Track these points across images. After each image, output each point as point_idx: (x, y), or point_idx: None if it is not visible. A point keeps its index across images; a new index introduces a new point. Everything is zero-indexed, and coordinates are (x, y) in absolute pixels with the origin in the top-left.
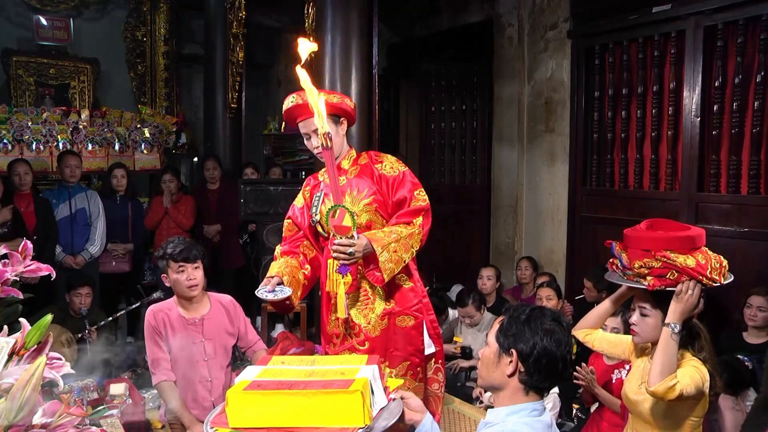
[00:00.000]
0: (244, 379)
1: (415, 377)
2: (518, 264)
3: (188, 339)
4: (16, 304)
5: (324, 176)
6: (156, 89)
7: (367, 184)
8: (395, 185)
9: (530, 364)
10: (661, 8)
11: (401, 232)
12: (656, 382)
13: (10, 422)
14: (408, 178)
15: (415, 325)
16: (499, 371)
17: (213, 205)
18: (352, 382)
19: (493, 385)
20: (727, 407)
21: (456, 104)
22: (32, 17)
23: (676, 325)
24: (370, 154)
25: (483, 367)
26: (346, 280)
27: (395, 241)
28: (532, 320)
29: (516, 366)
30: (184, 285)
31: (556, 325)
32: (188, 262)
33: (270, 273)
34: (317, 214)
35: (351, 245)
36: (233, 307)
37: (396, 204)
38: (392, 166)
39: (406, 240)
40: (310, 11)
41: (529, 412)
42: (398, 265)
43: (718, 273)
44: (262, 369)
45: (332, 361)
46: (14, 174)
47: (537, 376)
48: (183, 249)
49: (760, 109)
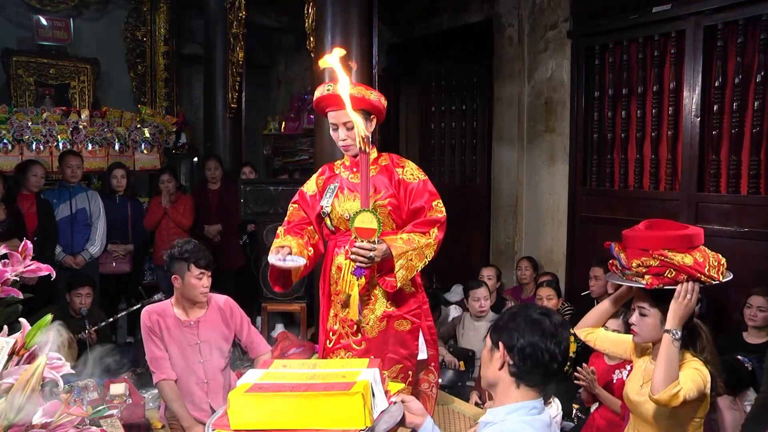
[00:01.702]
0: (246, 382)
1: (404, 380)
2: (518, 264)
3: (184, 341)
4: (16, 304)
5: (340, 169)
6: (156, 89)
7: (384, 185)
8: (413, 193)
9: (515, 355)
10: (661, 8)
11: (419, 241)
12: (660, 390)
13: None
14: (427, 187)
15: (411, 329)
16: (492, 367)
17: (213, 205)
18: (353, 384)
19: (489, 381)
20: (726, 407)
21: (456, 104)
22: (32, 17)
23: (677, 330)
24: (391, 156)
25: (482, 366)
26: (360, 282)
27: (412, 250)
28: (518, 313)
29: (503, 358)
30: (199, 290)
31: (542, 317)
32: (209, 269)
33: (280, 243)
34: (328, 207)
35: (372, 249)
36: (229, 309)
37: (412, 212)
38: (413, 173)
39: (422, 250)
40: (310, 11)
41: (528, 410)
42: (411, 273)
43: (717, 271)
44: (264, 372)
45: (334, 365)
46: (32, 174)
47: (523, 367)
48: (205, 255)
49: (760, 109)
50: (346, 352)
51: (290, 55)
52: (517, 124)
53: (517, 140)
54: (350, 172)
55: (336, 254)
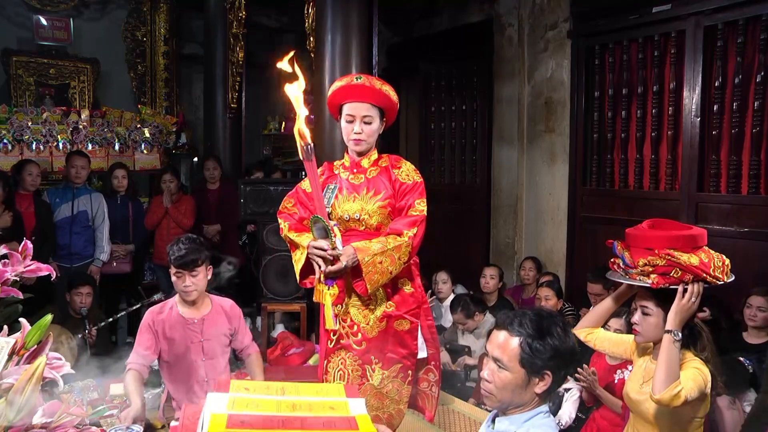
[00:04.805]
0: (217, 413)
1: (404, 380)
2: (522, 264)
3: (187, 339)
4: (16, 304)
5: (339, 169)
6: (156, 89)
7: (384, 186)
8: (404, 192)
9: (560, 375)
10: (661, 8)
11: (389, 243)
12: (661, 390)
13: (10, 422)
14: (417, 189)
15: (410, 329)
16: (528, 393)
17: (213, 205)
18: (353, 421)
19: (515, 404)
20: (725, 406)
21: (456, 104)
22: (32, 17)
23: (678, 332)
24: (391, 157)
25: (505, 391)
26: (332, 292)
27: (380, 253)
28: (547, 335)
29: (548, 385)
30: (179, 288)
31: (569, 339)
32: (185, 269)
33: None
34: (328, 207)
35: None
36: (232, 311)
37: (398, 210)
38: (408, 174)
39: (392, 252)
40: (310, 11)
41: (545, 414)
42: (384, 277)
43: (721, 271)
44: (230, 398)
45: (305, 391)
46: (27, 174)
47: (554, 387)
48: (183, 254)
49: (760, 109)
50: (347, 353)
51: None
52: (517, 124)
53: (517, 140)
54: (350, 173)
55: None
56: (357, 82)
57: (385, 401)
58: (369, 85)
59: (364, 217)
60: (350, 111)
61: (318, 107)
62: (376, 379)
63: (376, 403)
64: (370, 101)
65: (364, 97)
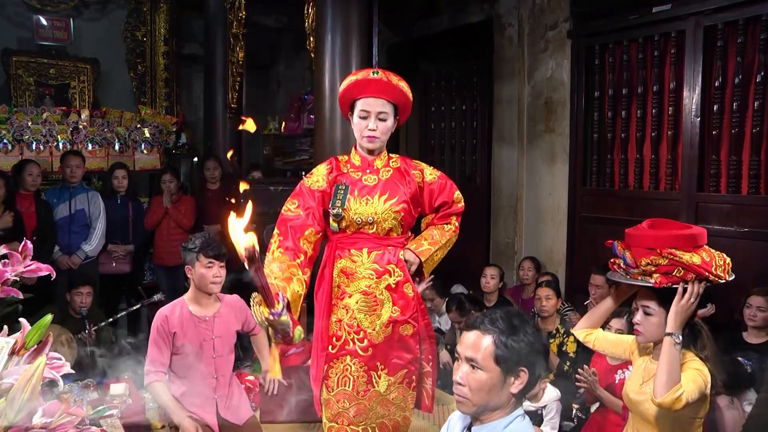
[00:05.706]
0: None
1: (409, 386)
2: (521, 264)
3: (199, 336)
4: (16, 304)
5: (348, 168)
6: (156, 89)
7: (399, 190)
8: (437, 191)
9: (536, 373)
10: (661, 8)
11: (443, 238)
12: (662, 393)
13: (10, 422)
14: (449, 182)
15: (413, 333)
16: (504, 393)
17: (213, 205)
18: None
19: (492, 406)
20: (725, 406)
21: (456, 104)
22: (32, 17)
23: (678, 334)
24: (405, 159)
25: (481, 393)
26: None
27: (438, 250)
28: (520, 334)
29: (523, 383)
30: (209, 280)
31: (538, 334)
32: (218, 260)
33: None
34: (338, 207)
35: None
36: (240, 303)
37: (436, 207)
38: (432, 173)
39: (445, 246)
40: (310, 11)
41: (522, 417)
42: (434, 265)
43: (723, 270)
44: None
45: None
46: (27, 174)
47: (529, 387)
48: (216, 245)
49: (760, 109)
50: (352, 358)
51: (290, 55)
52: (517, 124)
53: (517, 140)
54: (362, 172)
55: (339, 257)
56: (374, 76)
57: (391, 408)
58: (386, 80)
59: (377, 220)
60: (365, 107)
61: (318, 107)
62: (382, 386)
63: (382, 410)
64: (386, 97)
65: (380, 93)
